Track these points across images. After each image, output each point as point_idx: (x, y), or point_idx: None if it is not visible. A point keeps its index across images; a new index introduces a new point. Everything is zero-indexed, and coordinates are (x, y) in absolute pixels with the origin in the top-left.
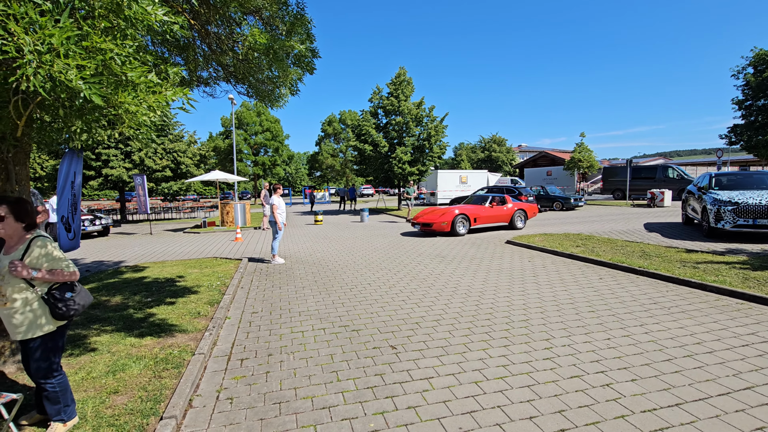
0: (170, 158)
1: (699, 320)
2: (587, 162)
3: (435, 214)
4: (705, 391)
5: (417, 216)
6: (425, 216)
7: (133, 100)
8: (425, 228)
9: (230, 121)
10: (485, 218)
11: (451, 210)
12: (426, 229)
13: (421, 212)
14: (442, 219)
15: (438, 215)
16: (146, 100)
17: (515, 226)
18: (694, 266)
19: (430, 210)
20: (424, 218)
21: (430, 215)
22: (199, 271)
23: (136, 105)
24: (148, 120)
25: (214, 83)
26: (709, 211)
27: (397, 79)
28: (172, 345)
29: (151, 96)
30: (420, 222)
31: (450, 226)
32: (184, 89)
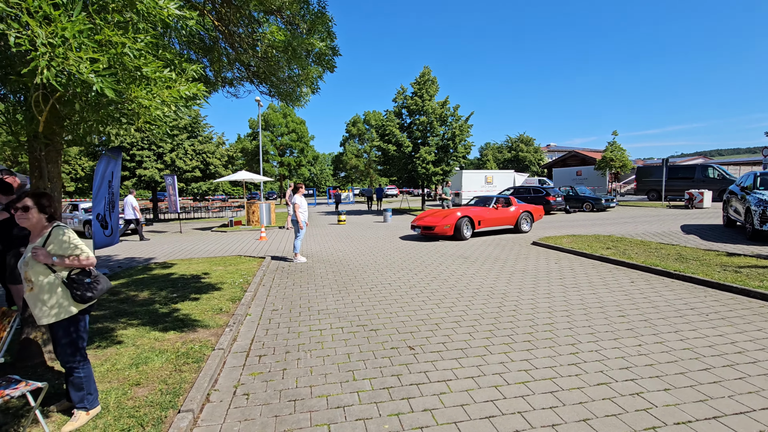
0: (200, 159)
1: (741, 328)
2: (620, 161)
3: (437, 217)
4: (747, 404)
5: (418, 218)
6: (427, 218)
7: (147, 94)
8: (426, 232)
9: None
10: (490, 221)
11: (454, 212)
12: (427, 233)
13: (422, 214)
14: (445, 222)
15: (440, 218)
16: (160, 94)
17: (521, 229)
18: (735, 270)
19: (432, 212)
20: (425, 221)
21: (431, 218)
22: (224, 269)
23: (149, 99)
24: (162, 114)
25: (238, 83)
26: (753, 212)
27: (422, 78)
28: (194, 340)
29: (165, 91)
30: (421, 225)
31: (453, 229)
32: (198, 84)
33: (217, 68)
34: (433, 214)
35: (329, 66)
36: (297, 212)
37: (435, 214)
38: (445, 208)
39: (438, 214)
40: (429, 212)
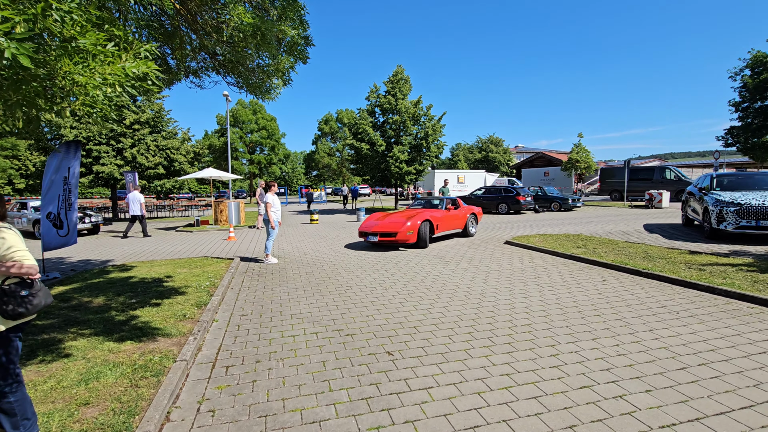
0: (163, 155)
1: (710, 325)
2: (585, 163)
3: (396, 221)
4: (726, 404)
5: (369, 223)
6: (383, 223)
7: (82, 70)
8: (385, 239)
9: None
10: (446, 224)
11: (413, 215)
12: (387, 240)
13: (371, 218)
14: (409, 228)
15: (401, 222)
16: (100, 71)
17: (469, 232)
18: (699, 268)
19: (384, 215)
20: (381, 226)
21: (388, 222)
22: (189, 271)
23: (85, 76)
24: (102, 95)
25: (203, 73)
26: (711, 212)
27: (395, 77)
28: (153, 350)
29: (106, 67)
30: (376, 232)
31: (416, 236)
32: (148, 62)
33: (180, 56)
34: (386, 216)
35: (302, 57)
36: (269, 211)
37: (388, 216)
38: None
39: (394, 216)
40: (380, 216)
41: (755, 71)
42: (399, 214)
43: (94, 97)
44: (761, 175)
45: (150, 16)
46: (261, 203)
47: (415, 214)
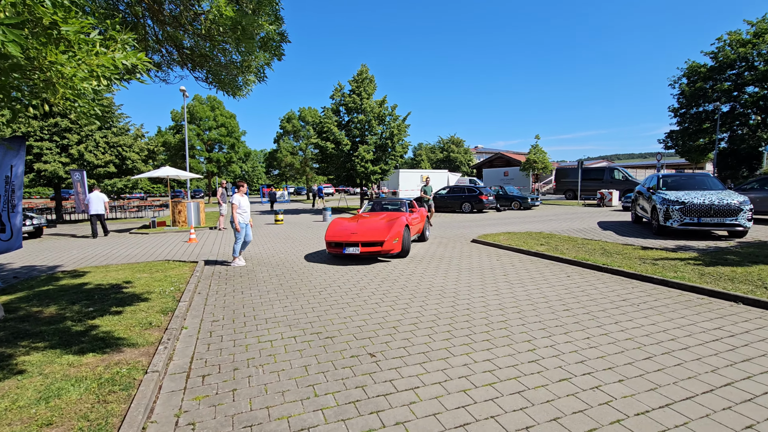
0: (114, 153)
1: (668, 316)
2: (542, 163)
3: (376, 227)
4: (690, 389)
5: (340, 231)
6: (363, 231)
7: (69, 60)
8: (369, 250)
9: (182, 114)
10: (414, 229)
11: (395, 219)
12: (371, 251)
13: (337, 225)
14: (394, 235)
15: (383, 229)
16: (87, 62)
17: (425, 236)
18: (653, 263)
19: (352, 221)
20: (363, 234)
21: (369, 229)
22: (150, 276)
23: (72, 67)
24: (90, 89)
25: (168, 68)
26: (658, 210)
27: (360, 76)
28: (120, 362)
29: (93, 58)
30: (357, 242)
31: (401, 244)
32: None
33: (142, 48)
34: (357, 222)
35: (277, 53)
36: (234, 213)
37: (360, 222)
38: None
39: (372, 221)
40: (346, 222)
41: (691, 80)
42: (370, 219)
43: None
44: (701, 176)
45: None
46: (222, 203)
47: (394, 218)
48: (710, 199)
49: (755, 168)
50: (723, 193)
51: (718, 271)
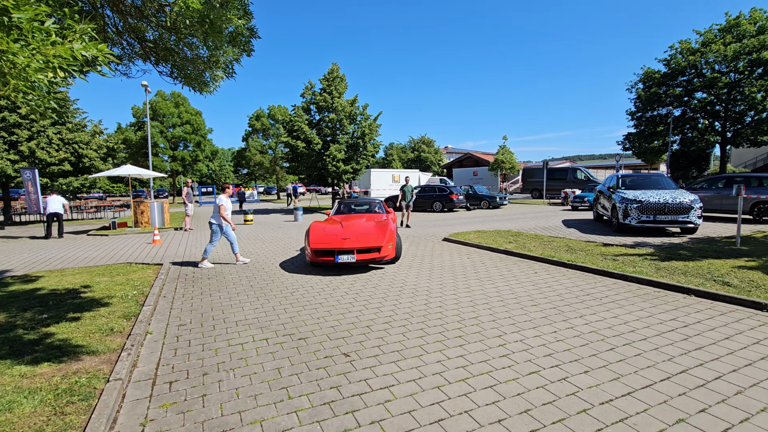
0: (69, 150)
1: (628, 309)
2: (509, 164)
3: (368, 232)
4: (649, 378)
5: (327, 236)
6: (356, 235)
7: (22, 50)
8: (365, 257)
9: (144, 111)
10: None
11: (387, 222)
12: (367, 258)
13: (321, 229)
14: (390, 239)
15: (376, 233)
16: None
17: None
18: (613, 258)
19: (342, 224)
20: (356, 240)
21: (361, 234)
22: (110, 279)
23: (26, 57)
24: (45, 80)
25: (130, 61)
26: (618, 208)
27: (330, 75)
28: (79, 371)
29: (50, 48)
30: (351, 248)
31: (395, 249)
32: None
33: (101, 40)
34: (345, 225)
35: (246, 49)
36: (222, 214)
37: (346, 225)
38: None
39: (353, 225)
40: (329, 225)
41: (647, 85)
42: (354, 222)
43: (34, 82)
44: (656, 176)
45: None
46: (188, 203)
47: (381, 220)
48: (665, 198)
49: (704, 169)
50: (676, 193)
51: (672, 266)
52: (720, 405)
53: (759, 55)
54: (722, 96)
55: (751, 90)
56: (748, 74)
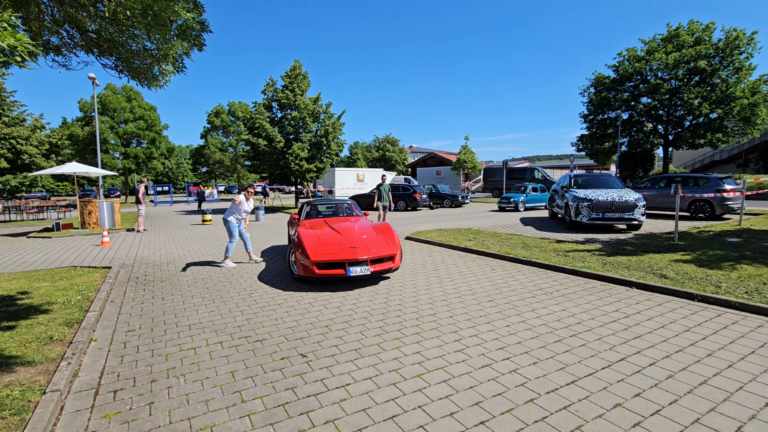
0: (6, 146)
1: (575, 302)
2: (471, 163)
3: (375, 238)
4: (592, 366)
5: (338, 247)
6: (364, 243)
7: None
8: (379, 268)
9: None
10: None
11: (387, 226)
12: (381, 269)
13: (324, 235)
14: (399, 246)
15: (383, 240)
16: None
17: None
18: (565, 254)
19: (336, 229)
20: (366, 249)
21: (369, 242)
22: (51, 284)
23: None
24: None
25: (69, 52)
26: (570, 206)
27: (293, 72)
28: (11, 383)
29: None
30: (365, 259)
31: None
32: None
33: (37, 28)
34: (343, 234)
35: (197, 43)
36: (240, 210)
37: (347, 234)
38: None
39: (354, 233)
40: (319, 233)
41: (597, 89)
42: (346, 226)
43: None
44: (605, 176)
45: None
46: (142, 203)
47: (381, 224)
48: (612, 197)
49: (649, 169)
50: (623, 191)
51: (618, 260)
52: (653, 389)
53: (696, 64)
54: (665, 101)
55: (689, 96)
56: (687, 81)
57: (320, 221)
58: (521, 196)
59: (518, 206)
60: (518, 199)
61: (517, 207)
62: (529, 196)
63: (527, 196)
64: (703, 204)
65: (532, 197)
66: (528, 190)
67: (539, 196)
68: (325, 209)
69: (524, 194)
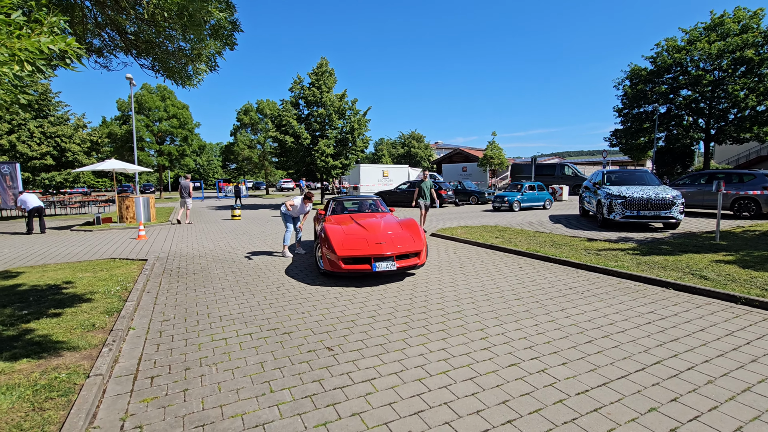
0: (52, 144)
1: (608, 302)
2: (498, 159)
3: (400, 234)
4: (625, 369)
5: (364, 242)
6: (389, 238)
7: None
8: (404, 264)
9: (129, 104)
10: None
11: (412, 221)
12: (407, 265)
13: (349, 231)
14: (425, 242)
15: (409, 236)
16: (8, 45)
17: None
18: (596, 253)
19: (361, 225)
20: (392, 244)
21: (395, 237)
22: (93, 275)
23: None
24: (11, 74)
25: (110, 53)
26: (603, 204)
27: (319, 69)
28: (58, 367)
29: (15, 41)
30: (390, 255)
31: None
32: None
33: (81, 32)
34: (368, 229)
35: (229, 42)
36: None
37: (372, 229)
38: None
39: (379, 228)
40: (345, 228)
41: (633, 82)
42: (371, 222)
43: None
44: (640, 172)
45: None
46: (188, 197)
47: (406, 220)
48: (648, 194)
49: (688, 165)
50: (659, 188)
51: (653, 260)
52: (691, 394)
53: (742, 53)
54: (706, 93)
55: (734, 88)
56: (732, 72)
57: (346, 217)
58: (516, 195)
59: (513, 206)
60: (513, 198)
61: (511, 207)
62: (525, 195)
63: (523, 195)
64: (748, 202)
65: (528, 196)
66: (524, 189)
67: (537, 195)
68: (350, 205)
69: (520, 193)
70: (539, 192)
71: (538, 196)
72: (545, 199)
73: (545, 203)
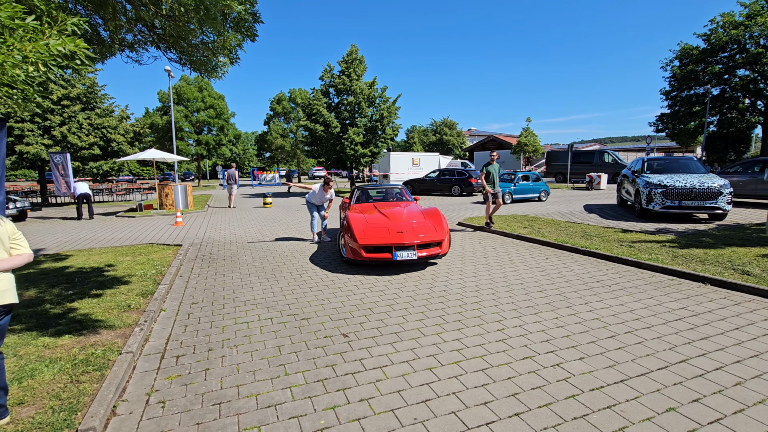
0: (98, 134)
1: (636, 297)
2: (532, 146)
3: (423, 223)
4: (646, 366)
5: (385, 231)
6: (412, 227)
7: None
8: (426, 253)
9: (168, 95)
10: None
11: (435, 211)
12: (429, 254)
13: (371, 219)
14: (447, 231)
15: (431, 225)
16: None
17: None
18: (630, 245)
19: (384, 214)
20: (413, 233)
21: (417, 226)
22: (132, 259)
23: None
24: (23, 75)
25: (141, 48)
26: (641, 193)
27: (349, 57)
28: (95, 344)
29: (26, 44)
30: (411, 244)
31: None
32: (76, 38)
33: (113, 28)
34: (391, 218)
35: (249, 34)
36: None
37: (395, 218)
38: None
39: (401, 218)
40: (367, 216)
41: (683, 62)
42: (394, 210)
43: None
44: (685, 160)
45: None
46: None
47: (431, 209)
48: (692, 183)
49: (743, 152)
50: (704, 177)
51: (691, 253)
52: (715, 395)
53: None
54: (767, 73)
55: None
56: None
57: (369, 206)
58: (508, 186)
59: (504, 197)
60: (504, 189)
61: (502, 198)
62: (519, 186)
63: (516, 186)
64: None
65: (521, 187)
66: (517, 179)
67: (531, 186)
68: (375, 194)
69: (512, 183)
70: (534, 183)
71: (532, 187)
72: (540, 190)
73: (540, 195)
